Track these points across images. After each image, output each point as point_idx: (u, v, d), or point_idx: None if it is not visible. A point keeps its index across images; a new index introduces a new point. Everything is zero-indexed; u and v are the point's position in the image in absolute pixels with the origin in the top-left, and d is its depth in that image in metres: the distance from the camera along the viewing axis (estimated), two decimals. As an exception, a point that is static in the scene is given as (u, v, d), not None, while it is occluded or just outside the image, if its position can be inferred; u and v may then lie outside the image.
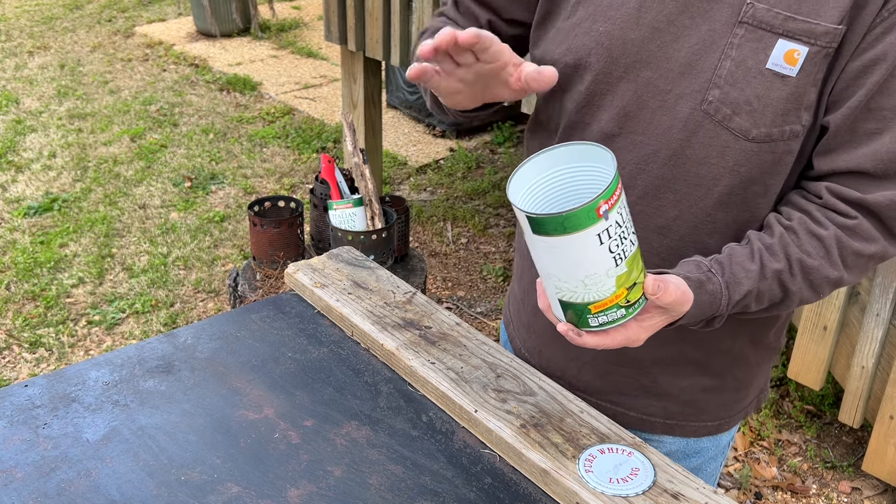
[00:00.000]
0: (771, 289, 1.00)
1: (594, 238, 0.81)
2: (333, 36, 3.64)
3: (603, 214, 0.80)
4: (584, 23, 1.04)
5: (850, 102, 0.95)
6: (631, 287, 0.87)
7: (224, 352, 1.20)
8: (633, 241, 0.86)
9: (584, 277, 0.84)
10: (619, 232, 0.82)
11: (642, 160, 1.03)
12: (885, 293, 2.35)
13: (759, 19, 0.94)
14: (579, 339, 0.92)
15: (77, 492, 0.95)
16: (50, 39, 6.26)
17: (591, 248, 0.82)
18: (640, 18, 1.00)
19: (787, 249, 0.99)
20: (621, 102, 1.03)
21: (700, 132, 0.99)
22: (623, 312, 0.88)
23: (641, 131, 1.02)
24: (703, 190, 1.02)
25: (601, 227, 0.80)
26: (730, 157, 0.99)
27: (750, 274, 0.98)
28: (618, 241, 0.83)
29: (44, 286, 3.45)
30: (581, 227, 0.80)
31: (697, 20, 0.98)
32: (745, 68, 0.95)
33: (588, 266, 0.83)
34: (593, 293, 0.86)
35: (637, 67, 1.01)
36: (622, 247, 0.83)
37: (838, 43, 0.93)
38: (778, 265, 0.99)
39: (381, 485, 0.98)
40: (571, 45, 1.05)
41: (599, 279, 0.84)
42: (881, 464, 2.44)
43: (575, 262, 0.83)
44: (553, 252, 0.83)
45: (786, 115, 0.96)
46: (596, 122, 1.06)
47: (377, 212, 2.72)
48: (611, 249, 0.83)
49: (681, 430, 1.21)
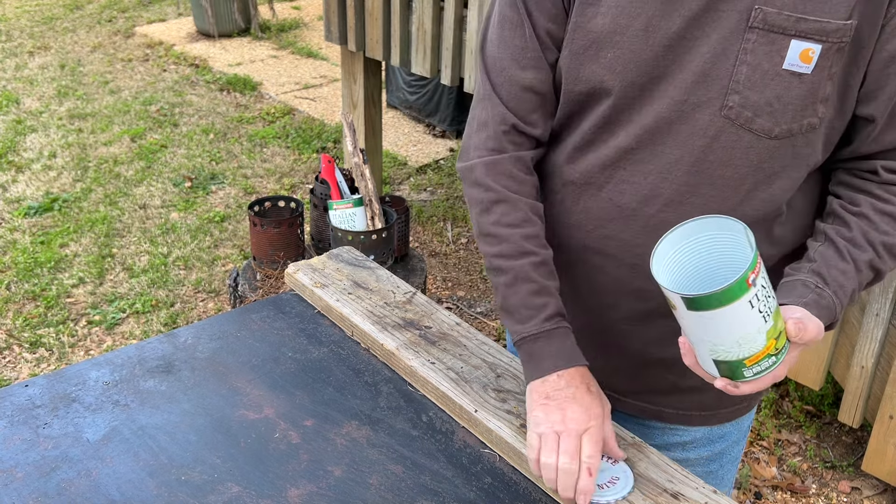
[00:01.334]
0: (867, 277, 1.04)
1: (746, 305, 0.87)
2: (333, 36, 3.64)
3: (752, 283, 0.86)
4: (587, 51, 1.04)
5: (886, 92, 0.99)
6: (777, 336, 0.92)
7: (224, 352, 1.20)
8: (773, 295, 0.91)
9: (739, 339, 0.90)
10: (764, 293, 0.88)
11: (665, 169, 1.04)
12: (885, 293, 2.35)
13: (771, 23, 0.95)
14: (736, 390, 0.95)
15: (77, 492, 0.95)
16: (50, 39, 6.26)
17: (744, 314, 0.88)
18: (648, 39, 1.00)
19: (868, 236, 1.03)
20: (639, 119, 1.04)
21: (722, 137, 1.00)
22: (774, 360, 0.94)
23: (660, 142, 1.03)
24: (730, 190, 1.03)
25: (751, 294, 0.86)
26: (753, 156, 1.01)
27: (848, 274, 1.02)
28: (764, 301, 0.88)
29: (44, 286, 3.45)
30: (735, 299, 0.86)
31: (707, 30, 0.98)
32: (762, 71, 0.97)
33: (740, 329, 0.89)
34: (746, 350, 0.91)
35: (652, 84, 1.02)
36: (768, 305, 0.89)
37: (850, 37, 0.95)
38: (866, 255, 1.03)
39: (381, 484, 0.98)
40: (580, 74, 1.05)
41: (752, 337, 0.90)
42: (881, 463, 2.44)
43: (728, 329, 0.89)
44: (707, 322, 0.89)
45: (804, 110, 0.98)
46: (613, 139, 1.06)
47: (377, 212, 2.72)
48: (760, 310, 0.89)
49: (715, 419, 1.23)
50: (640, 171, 1.05)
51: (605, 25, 1.02)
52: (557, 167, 1.13)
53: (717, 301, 0.86)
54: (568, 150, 1.11)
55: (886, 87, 0.99)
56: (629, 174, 1.06)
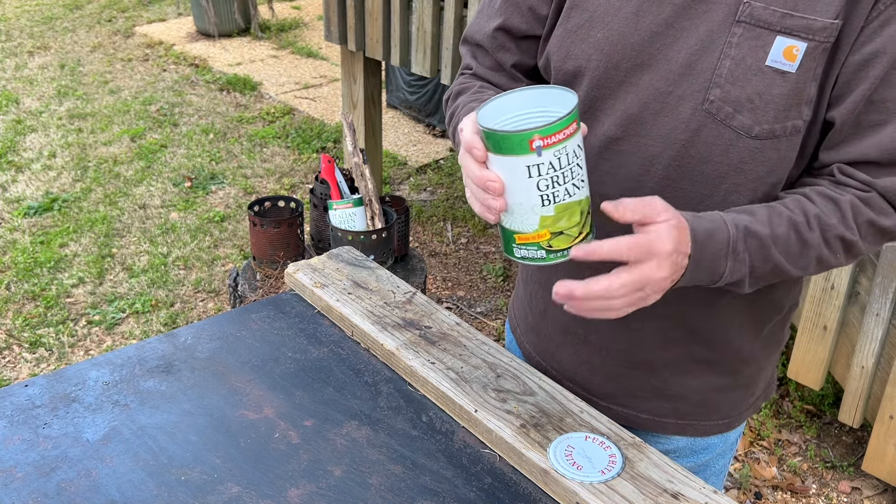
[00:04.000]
0: (787, 236, 0.96)
1: (523, 169, 0.85)
2: (333, 36, 3.64)
3: (536, 149, 0.83)
4: (580, 29, 1.05)
5: (852, 97, 0.96)
6: (557, 234, 0.89)
7: (224, 352, 1.20)
8: (573, 192, 0.88)
9: (513, 204, 0.89)
10: (552, 175, 0.85)
11: (647, 162, 1.04)
12: (885, 293, 2.35)
13: (757, 17, 0.95)
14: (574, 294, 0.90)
15: (77, 492, 0.95)
16: (50, 39, 6.26)
17: (521, 178, 0.86)
18: (637, 23, 1.01)
19: (803, 205, 0.98)
20: (623, 106, 1.04)
21: (703, 132, 1.00)
22: (543, 254, 0.91)
23: (645, 133, 1.03)
24: (709, 188, 1.02)
25: (532, 160, 0.84)
26: (734, 154, 1.00)
27: (758, 214, 0.96)
28: (549, 182, 0.86)
29: (44, 286, 3.45)
30: (513, 153, 0.85)
31: (696, 21, 0.98)
32: (745, 66, 0.96)
33: (515, 194, 0.87)
34: (518, 223, 0.90)
35: (637, 71, 1.02)
36: (554, 190, 0.86)
37: (835, 37, 0.94)
38: (792, 215, 0.97)
39: (381, 485, 0.98)
40: (570, 52, 1.06)
41: (524, 211, 0.88)
42: (881, 463, 2.44)
43: (508, 187, 0.88)
44: (497, 169, 0.88)
45: (787, 111, 0.97)
46: (599, 126, 1.06)
47: (377, 212, 2.72)
48: (539, 187, 0.86)
49: (692, 429, 1.21)
50: (623, 163, 1.05)
51: (601, 4, 1.04)
52: None
53: (498, 144, 0.85)
54: None
55: (855, 91, 0.95)
56: (613, 166, 1.06)
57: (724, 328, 1.13)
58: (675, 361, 1.15)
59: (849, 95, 0.96)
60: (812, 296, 2.54)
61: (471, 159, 0.90)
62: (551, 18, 1.11)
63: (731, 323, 1.12)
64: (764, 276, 0.99)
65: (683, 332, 1.13)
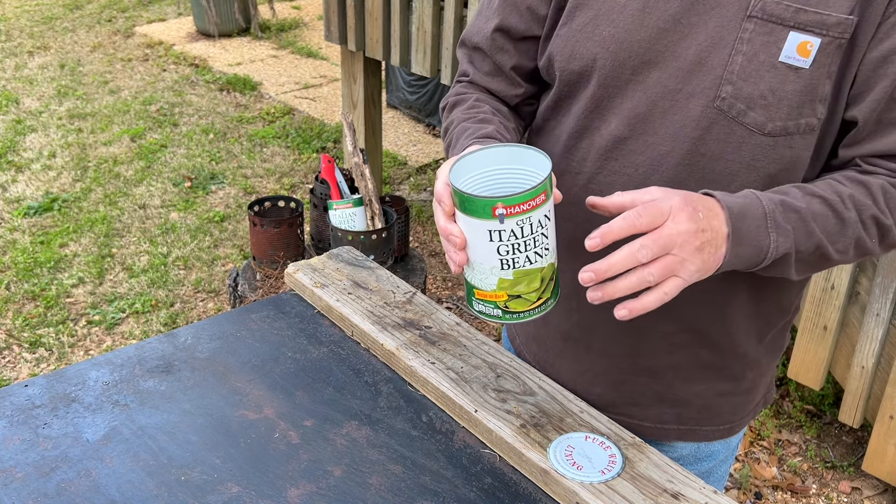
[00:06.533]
0: (825, 213, 0.94)
1: (485, 233, 0.87)
2: (333, 36, 3.64)
3: (498, 216, 0.85)
4: (585, 28, 1.04)
5: (873, 94, 0.95)
6: (515, 297, 0.91)
7: (224, 352, 1.20)
8: (535, 260, 0.89)
9: (473, 261, 0.91)
10: (514, 241, 0.87)
11: (655, 161, 1.02)
12: (885, 293, 2.35)
13: (770, 13, 0.94)
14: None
15: (77, 492, 0.95)
16: (50, 39, 6.26)
17: (482, 240, 0.88)
18: (644, 20, 0.99)
19: (835, 187, 0.96)
20: (630, 105, 1.02)
21: (714, 129, 0.98)
22: (499, 313, 0.93)
23: (653, 132, 1.02)
24: (720, 186, 1.00)
25: (494, 226, 0.86)
26: (746, 152, 0.98)
27: (791, 192, 0.94)
28: (509, 248, 0.87)
29: (44, 286, 3.45)
30: (476, 216, 0.87)
31: (704, 17, 0.97)
32: (758, 62, 0.95)
33: (477, 253, 0.90)
34: (477, 280, 0.92)
35: (645, 69, 1.00)
36: (514, 256, 0.88)
37: (850, 33, 0.93)
38: (825, 194, 0.95)
39: (381, 485, 0.98)
40: (575, 51, 1.05)
41: (484, 270, 0.91)
42: (881, 464, 2.44)
43: (470, 244, 0.90)
44: (463, 226, 0.90)
45: (801, 108, 0.95)
46: (605, 125, 1.05)
47: (377, 212, 2.72)
48: (499, 251, 0.88)
49: (694, 434, 1.20)
50: (631, 162, 1.04)
51: (606, 2, 1.02)
52: (553, 158, 1.12)
53: (462, 205, 0.87)
54: (563, 138, 1.10)
55: (875, 89, 0.95)
56: (621, 165, 1.04)
57: (731, 332, 1.12)
58: (681, 366, 1.14)
59: (869, 93, 0.95)
60: (812, 296, 2.54)
61: (440, 210, 0.92)
62: (550, 18, 1.10)
63: (738, 327, 1.12)
64: (808, 259, 0.96)
65: (691, 336, 1.12)
